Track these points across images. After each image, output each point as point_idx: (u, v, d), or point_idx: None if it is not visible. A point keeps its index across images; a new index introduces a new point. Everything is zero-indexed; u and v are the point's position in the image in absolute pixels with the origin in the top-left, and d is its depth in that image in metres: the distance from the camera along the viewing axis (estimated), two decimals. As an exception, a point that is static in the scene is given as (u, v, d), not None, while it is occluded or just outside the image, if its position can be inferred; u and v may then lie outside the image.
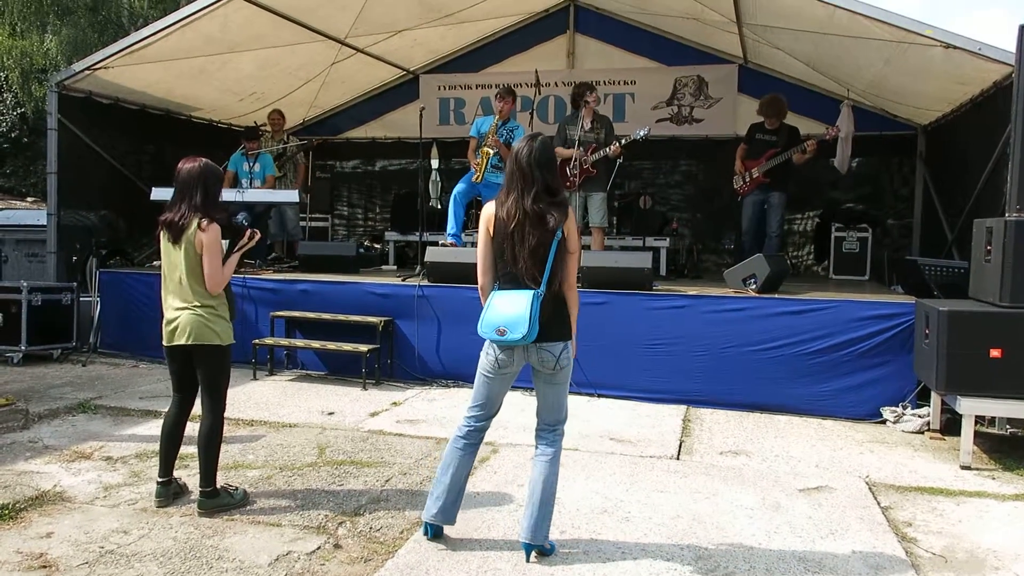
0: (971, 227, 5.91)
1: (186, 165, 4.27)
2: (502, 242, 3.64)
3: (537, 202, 3.57)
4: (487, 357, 3.74)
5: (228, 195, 7.73)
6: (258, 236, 4.65)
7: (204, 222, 4.18)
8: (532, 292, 3.54)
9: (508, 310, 3.54)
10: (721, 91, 10.70)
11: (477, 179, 8.22)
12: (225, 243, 4.35)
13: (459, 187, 8.50)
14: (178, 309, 4.27)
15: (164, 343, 4.32)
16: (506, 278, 3.66)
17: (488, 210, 3.73)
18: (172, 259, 4.29)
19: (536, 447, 3.80)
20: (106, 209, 9.59)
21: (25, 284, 8.08)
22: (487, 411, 3.83)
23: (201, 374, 4.29)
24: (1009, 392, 5.19)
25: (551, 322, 3.59)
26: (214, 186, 4.31)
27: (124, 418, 6.17)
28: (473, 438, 3.84)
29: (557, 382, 3.71)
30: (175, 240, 4.22)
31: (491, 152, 8.09)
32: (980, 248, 5.64)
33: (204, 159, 4.33)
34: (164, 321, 4.33)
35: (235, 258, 4.44)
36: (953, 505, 4.61)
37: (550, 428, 3.78)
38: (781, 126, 8.60)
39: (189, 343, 4.21)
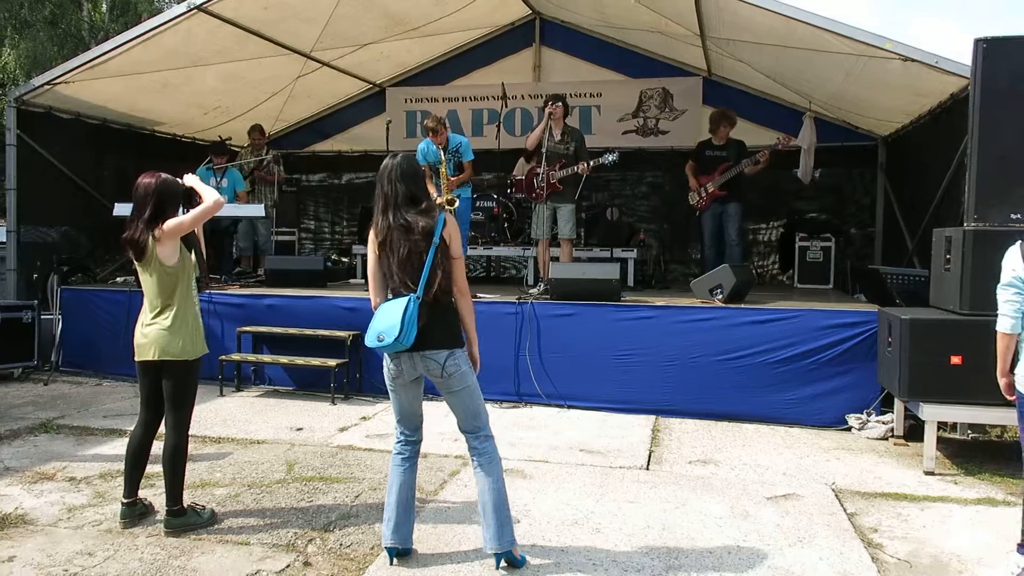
0: (931, 236, 6.02)
1: (143, 180, 4.22)
2: (379, 258, 3.71)
3: (399, 213, 3.64)
4: (385, 368, 3.78)
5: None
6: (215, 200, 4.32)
7: (157, 231, 4.12)
8: (409, 297, 3.58)
9: (386, 316, 3.59)
10: (686, 103, 10.82)
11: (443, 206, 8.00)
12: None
13: None
14: (147, 324, 4.22)
15: (135, 358, 4.27)
16: (391, 289, 3.71)
17: (370, 233, 3.78)
18: (142, 276, 4.25)
19: (471, 460, 3.80)
20: (67, 225, 9.43)
21: (-16, 302, 7.93)
22: (408, 423, 3.85)
23: (167, 389, 4.23)
24: (970, 398, 5.27)
25: (433, 329, 3.61)
26: (169, 200, 4.23)
27: (88, 437, 6.06)
28: (408, 452, 3.85)
29: (452, 389, 3.71)
30: (138, 258, 4.18)
31: (442, 169, 7.95)
32: (940, 257, 5.74)
33: (163, 174, 4.27)
34: (135, 335, 4.28)
35: (193, 213, 4.27)
36: (917, 510, 4.67)
37: (473, 436, 3.78)
38: (729, 141, 8.73)
39: (156, 358, 4.16)
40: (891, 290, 7.01)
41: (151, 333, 4.19)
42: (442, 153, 7.91)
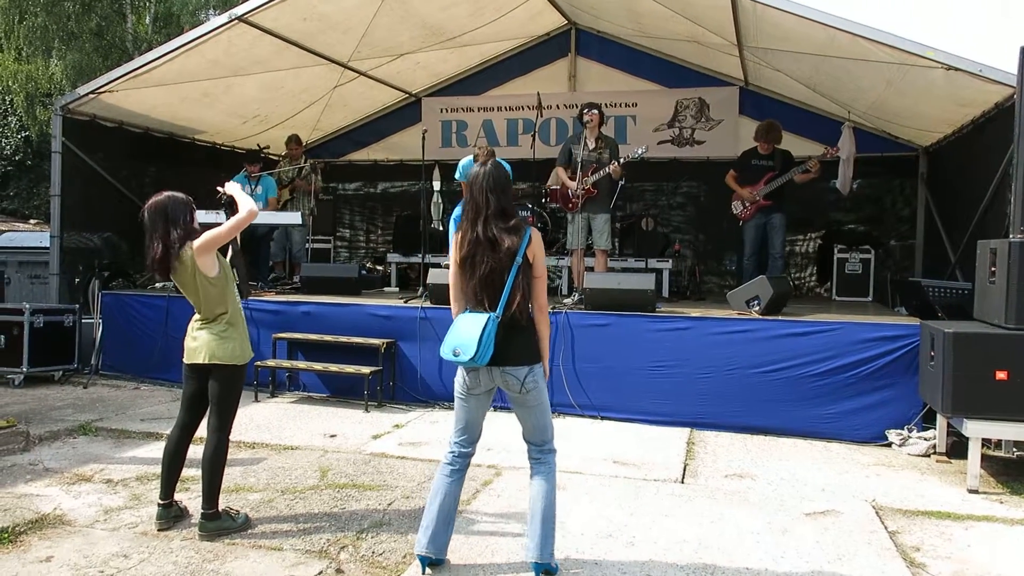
0: (975, 248, 5.90)
1: (150, 202, 4.25)
2: (463, 269, 3.69)
3: (488, 228, 3.62)
4: (459, 379, 3.77)
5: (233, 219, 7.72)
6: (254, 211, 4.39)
7: (193, 244, 4.18)
8: (488, 315, 3.56)
9: (464, 332, 3.58)
10: (722, 113, 10.74)
11: None
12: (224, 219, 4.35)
13: (457, 211, 8.47)
14: (199, 329, 4.31)
15: (184, 360, 4.35)
16: (471, 302, 3.70)
17: (455, 239, 3.78)
18: (185, 289, 4.32)
19: (530, 467, 3.80)
20: (109, 231, 9.59)
21: (27, 306, 8.08)
22: (470, 435, 3.83)
23: (213, 392, 4.30)
24: (1016, 415, 5.15)
25: (512, 346, 3.60)
26: (179, 213, 4.23)
27: (125, 440, 6.14)
28: (459, 464, 3.83)
29: (528, 404, 3.71)
30: (165, 275, 4.27)
31: None
32: (984, 269, 5.62)
33: (167, 191, 4.30)
34: (186, 337, 4.37)
35: (229, 224, 4.30)
36: (961, 530, 4.56)
37: (537, 448, 3.79)
38: (775, 151, 8.65)
39: (206, 362, 4.23)
40: (933, 303, 6.88)
41: (202, 337, 4.27)
42: None
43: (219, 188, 4.60)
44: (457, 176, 8.48)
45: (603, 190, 7.97)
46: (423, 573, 3.78)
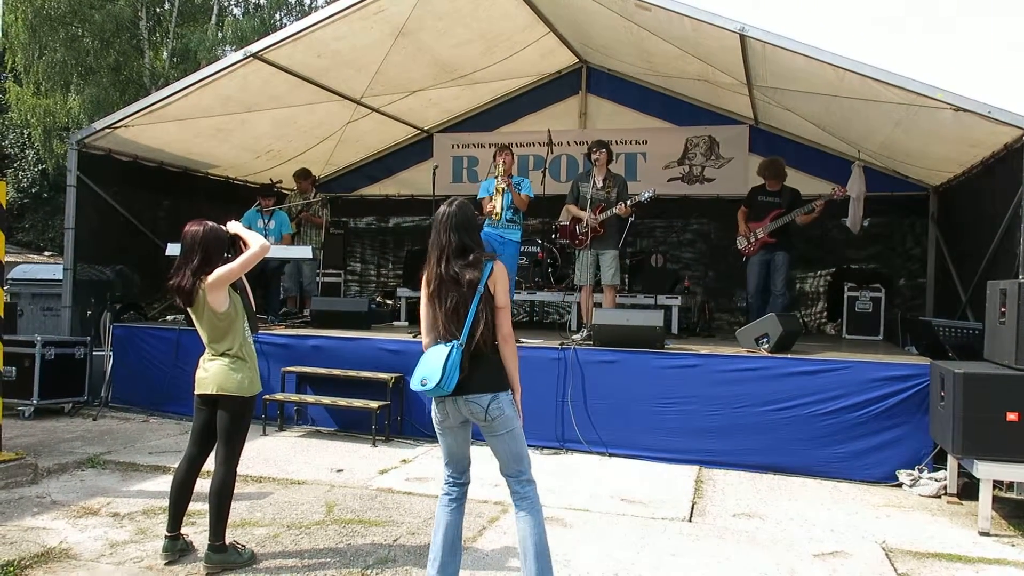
0: (985, 288, 5.89)
1: (190, 229, 4.33)
2: (431, 303, 3.78)
3: (450, 266, 3.73)
4: (432, 412, 3.82)
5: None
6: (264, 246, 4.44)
7: (204, 282, 4.22)
8: (452, 344, 3.64)
9: (429, 363, 3.66)
10: (732, 151, 10.80)
11: (496, 217, 8.10)
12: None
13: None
14: (209, 360, 4.35)
15: (195, 391, 4.39)
16: (440, 335, 3.76)
17: (423, 276, 3.85)
18: (196, 321, 4.38)
19: (513, 504, 3.77)
20: (122, 264, 9.67)
21: (39, 338, 8.12)
22: (457, 465, 3.85)
23: (221, 423, 4.31)
24: (1027, 456, 5.10)
25: (476, 374, 3.64)
26: (215, 250, 4.31)
27: (133, 473, 6.14)
28: (455, 493, 3.84)
29: (495, 432, 3.71)
30: (188, 304, 4.29)
31: (503, 187, 8.05)
32: (995, 310, 5.60)
33: (210, 223, 4.38)
34: (197, 369, 4.41)
35: (240, 260, 4.34)
36: (972, 572, 4.50)
37: (515, 480, 3.76)
38: (783, 188, 8.68)
39: (215, 392, 4.26)
40: (943, 343, 6.85)
41: (212, 368, 4.30)
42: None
43: (223, 227, 4.61)
44: (479, 195, 8.46)
45: (611, 228, 8.00)
46: None
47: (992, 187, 7.19)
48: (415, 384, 3.68)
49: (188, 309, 4.34)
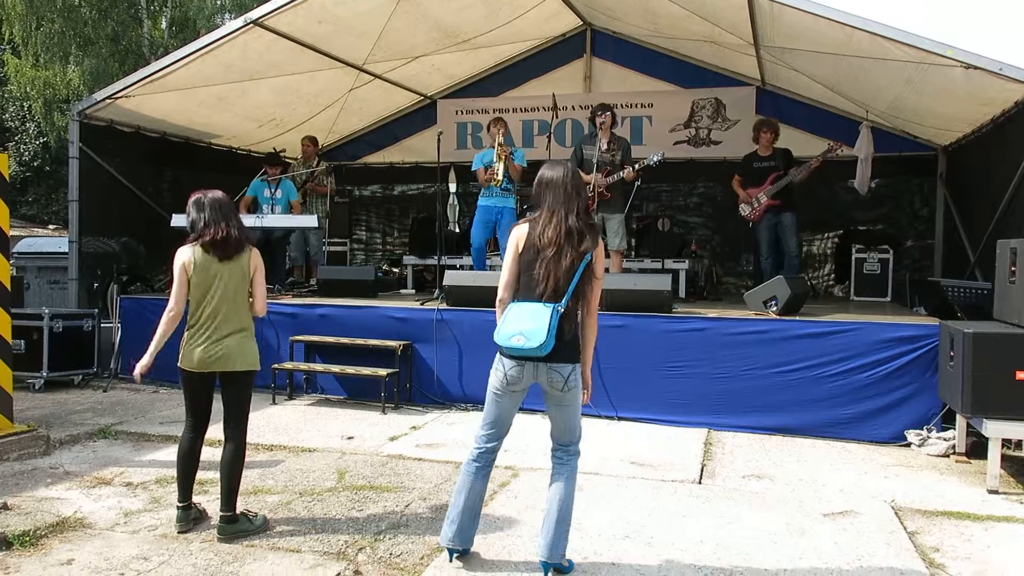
0: (994, 248, 5.85)
1: (210, 193, 4.36)
2: (532, 260, 3.66)
3: (578, 220, 3.64)
4: (496, 374, 3.74)
5: (247, 220, 7.75)
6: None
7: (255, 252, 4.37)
8: (552, 306, 3.57)
9: (527, 320, 3.56)
10: (739, 113, 10.69)
11: (497, 183, 8.17)
12: None
13: (475, 241, 8.52)
14: (225, 335, 4.28)
15: (198, 368, 4.30)
16: (526, 294, 3.68)
17: (520, 230, 3.75)
18: (212, 281, 4.28)
19: (552, 467, 3.81)
20: (127, 236, 9.67)
21: (47, 311, 8.15)
22: (498, 431, 3.83)
23: (234, 396, 4.33)
24: (1036, 415, 5.10)
25: (564, 342, 3.60)
26: (232, 211, 4.42)
27: (144, 443, 6.18)
28: (484, 460, 3.84)
29: (566, 403, 3.71)
30: (228, 256, 4.26)
31: (504, 155, 8.12)
32: (1004, 269, 5.57)
33: (216, 190, 4.44)
34: (201, 346, 4.30)
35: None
36: (981, 530, 4.52)
37: (563, 448, 3.79)
38: (775, 151, 8.64)
39: (240, 369, 4.27)
40: (952, 303, 6.83)
41: (231, 344, 4.27)
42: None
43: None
44: (474, 167, 8.49)
45: (616, 193, 7.97)
46: (450, 563, 3.84)
47: (1002, 145, 7.12)
48: (503, 339, 3.60)
49: (219, 263, 4.24)
